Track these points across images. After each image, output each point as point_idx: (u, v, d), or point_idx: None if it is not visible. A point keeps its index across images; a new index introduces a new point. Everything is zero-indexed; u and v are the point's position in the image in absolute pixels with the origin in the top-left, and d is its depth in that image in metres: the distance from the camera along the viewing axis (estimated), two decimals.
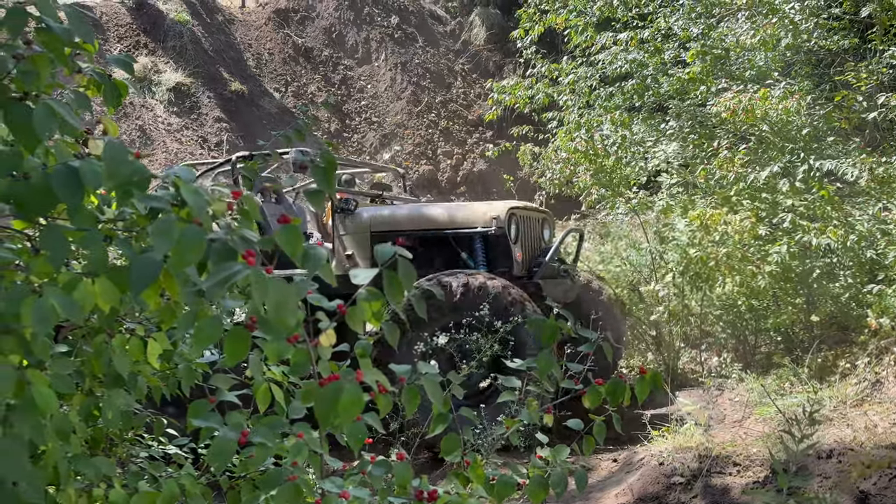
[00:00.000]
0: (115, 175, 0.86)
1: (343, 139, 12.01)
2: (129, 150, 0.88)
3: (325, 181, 0.95)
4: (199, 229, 0.80)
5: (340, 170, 7.06)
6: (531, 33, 7.90)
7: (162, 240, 0.79)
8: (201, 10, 12.29)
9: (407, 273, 0.90)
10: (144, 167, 0.88)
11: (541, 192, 10.25)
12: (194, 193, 0.82)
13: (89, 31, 1.21)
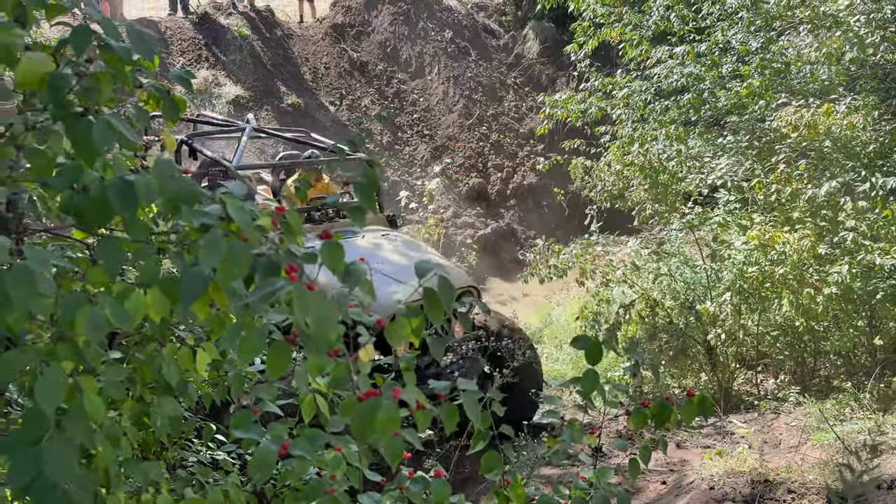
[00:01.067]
0: (163, 191, 0.89)
1: (395, 151, 12.14)
2: (177, 167, 0.91)
3: (367, 198, 0.96)
4: (244, 245, 0.81)
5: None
6: (585, 47, 7.85)
7: (210, 254, 0.81)
8: (261, 26, 12.63)
9: (447, 291, 0.90)
10: (192, 183, 0.91)
11: (592, 206, 10.14)
12: (240, 210, 0.84)
13: (149, 48, 1.25)
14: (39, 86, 1.09)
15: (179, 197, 0.89)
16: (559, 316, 9.14)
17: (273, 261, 0.82)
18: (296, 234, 0.91)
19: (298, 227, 0.92)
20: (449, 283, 0.90)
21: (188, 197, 0.89)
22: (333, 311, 0.82)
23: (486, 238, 11.14)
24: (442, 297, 0.89)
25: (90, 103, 1.10)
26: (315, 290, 0.81)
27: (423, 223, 10.53)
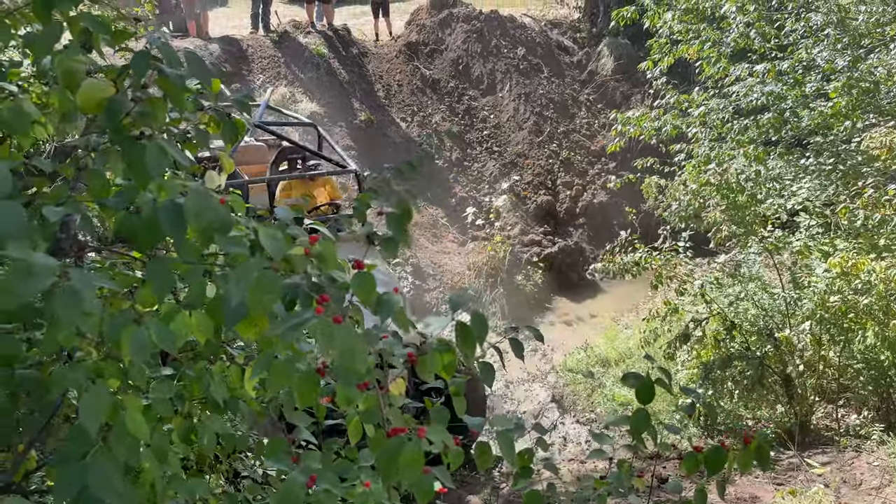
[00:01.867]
0: (197, 219, 0.90)
1: (463, 167, 12.18)
2: (213, 196, 0.92)
3: (400, 231, 0.95)
4: (273, 275, 0.81)
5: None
6: (660, 64, 7.67)
7: (238, 284, 0.81)
8: (338, 44, 12.96)
9: (480, 325, 0.87)
10: (227, 213, 0.91)
11: (665, 226, 9.88)
12: (273, 239, 0.84)
13: (207, 74, 1.28)
14: (98, 110, 1.13)
15: (213, 226, 0.90)
16: (627, 339, 8.90)
17: (305, 291, 0.81)
18: (330, 263, 0.90)
19: (333, 257, 0.91)
20: (483, 318, 0.87)
21: (222, 225, 0.90)
22: (360, 344, 0.80)
23: (552, 256, 11.00)
24: (476, 331, 0.86)
25: (145, 128, 1.13)
26: (342, 323, 0.80)
27: (489, 240, 10.50)
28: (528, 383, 8.57)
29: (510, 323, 9.80)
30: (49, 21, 1.19)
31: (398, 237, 0.94)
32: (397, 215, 0.94)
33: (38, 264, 0.87)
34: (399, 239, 0.95)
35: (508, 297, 9.98)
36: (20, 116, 1.23)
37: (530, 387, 8.49)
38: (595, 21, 14.95)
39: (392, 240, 0.96)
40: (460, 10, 14.20)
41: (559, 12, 16.53)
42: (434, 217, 11.14)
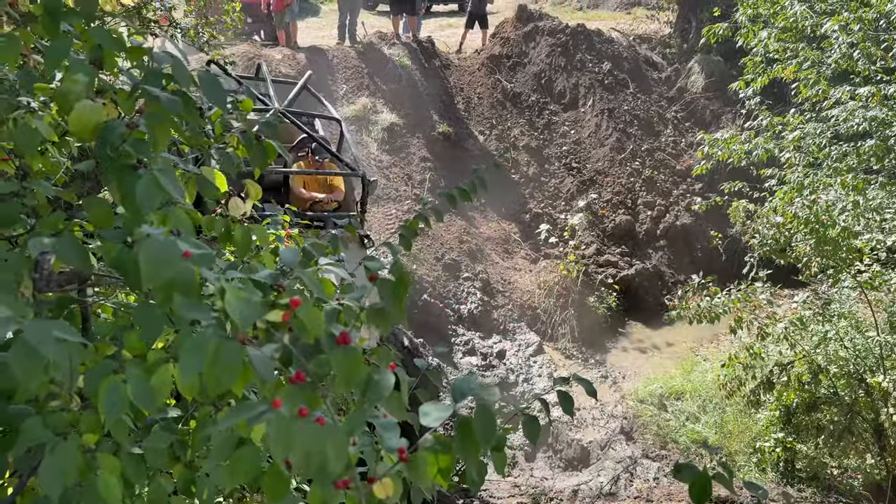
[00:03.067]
0: (153, 276, 0.77)
1: (540, 183, 11.92)
2: (177, 248, 0.79)
3: (396, 302, 0.79)
4: (235, 349, 0.67)
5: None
6: (753, 84, 7.24)
7: (190, 359, 0.67)
8: (421, 56, 12.98)
9: (486, 424, 0.70)
10: (190, 269, 0.78)
11: (752, 253, 9.34)
12: (242, 303, 0.70)
13: (222, 96, 1.17)
14: (91, 135, 1.03)
15: (175, 285, 0.77)
16: (705, 371, 8.43)
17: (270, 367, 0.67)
18: (313, 330, 0.76)
19: (318, 324, 0.77)
20: (492, 414, 0.70)
21: (184, 286, 0.77)
22: (335, 441, 0.65)
23: (629, 279, 10.58)
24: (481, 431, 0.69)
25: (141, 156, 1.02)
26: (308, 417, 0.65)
27: (562, 258, 10.20)
28: (595, 411, 8.23)
29: (580, 346, 9.48)
30: (57, 35, 1.10)
31: (391, 309, 0.79)
32: (392, 283, 0.79)
33: None
34: (392, 312, 0.79)
35: (579, 319, 9.65)
36: (28, 136, 1.15)
37: (599, 415, 8.15)
38: (686, 37, 14.43)
39: (382, 311, 0.80)
40: (546, 23, 13.98)
41: (649, 27, 16.08)
42: (507, 232, 10.94)
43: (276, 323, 0.76)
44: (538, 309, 9.70)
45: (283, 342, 0.71)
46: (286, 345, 0.70)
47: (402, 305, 0.81)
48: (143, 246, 0.79)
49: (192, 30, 7.27)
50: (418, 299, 8.76)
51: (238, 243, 1.39)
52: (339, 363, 0.69)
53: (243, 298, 0.73)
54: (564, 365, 9.14)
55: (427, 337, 8.52)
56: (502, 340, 9.07)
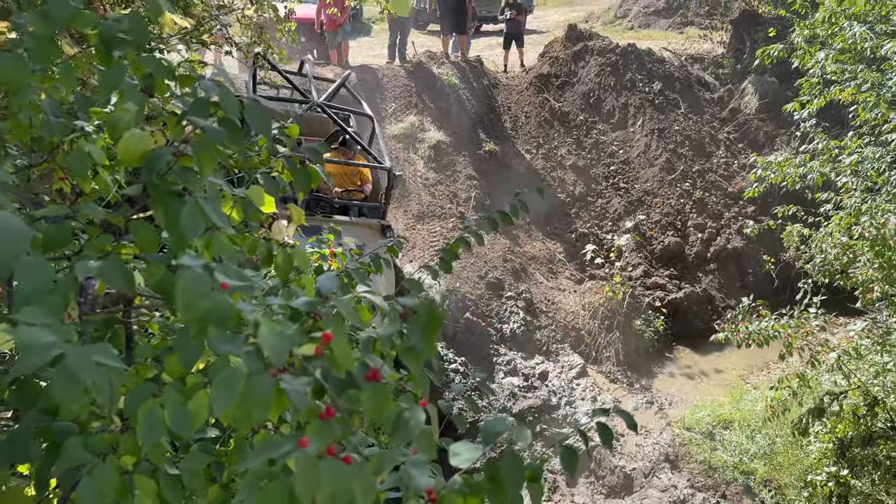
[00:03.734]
0: (190, 308, 0.78)
1: (586, 202, 11.81)
2: (213, 280, 0.80)
3: (428, 340, 0.78)
4: (267, 383, 0.67)
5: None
6: (809, 107, 7.04)
7: (222, 393, 0.67)
8: (469, 75, 13.06)
9: (515, 470, 0.68)
10: (227, 302, 0.79)
11: (806, 279, 9.05)
12: (276, 337, 0.70)
13: (266, 123, 1.19)
14: (139, 163, 1.06)
15: (210, 317, 0.78)
16: (755, 400, 8.16)
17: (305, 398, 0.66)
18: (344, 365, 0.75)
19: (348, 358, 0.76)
20: (520, 462, 0.68)
21: (219, 318, 0.78)
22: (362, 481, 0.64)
23: (677, 302, 10.36)
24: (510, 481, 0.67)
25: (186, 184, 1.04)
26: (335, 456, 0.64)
27: (607, 280, 10.05)
28: (640, 437, 8.04)
29: (625, 370, 9.31)
30: (110, 64, 1.14)
31: (422, 348, 0.78)
32: (423, 320, 0.78)
33: (31, 342, 0.78)
34: (423, 350, 0.78)
35: (625, 343, 9.48)
36: (81, 159, 1.19)
37: (643, 442, 7.96)
38: (740, 57, 14.19)
39: (414, 349, 0.79)
40: (596, 42, 13.92)
41: (702, 47, 15.86)
42: (552, 252, 10.85)
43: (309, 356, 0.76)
44: (582, 331, 9.57)
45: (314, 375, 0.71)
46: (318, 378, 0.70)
47: (432, 342, 0.80)
48: (180, 277, 0.81)
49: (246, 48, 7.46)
50: (461, 317, 8.74)
51: (279, 267, 1.41)
52: (368, 400, 0.68)
53: (277, 331, 0.73)
54: (608, 389, 8.97)
55: (469, 355, 8.48)
56: (545, 361, 8.96)
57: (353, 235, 6.01)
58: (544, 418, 8.33)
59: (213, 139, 1.08)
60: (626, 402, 8.74)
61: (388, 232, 6.27)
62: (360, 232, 6.19)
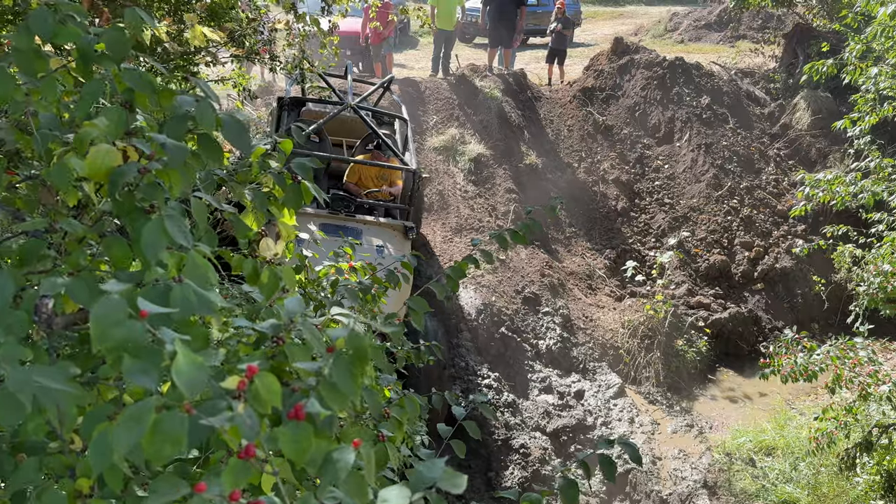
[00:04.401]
0: (104, 338, 0.74)
1: (629, 218, 11.60)
2: (127, 308, 0.76)
3: (349, 375, 0.72)
4: (178, 420, 0.63)
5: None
6: (860, 124, 6.77)
7: (126, 430, 0.64)
8: (512, 88, 13.01)
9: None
10: (143, 330, 0.75)
11: (857, 302, 8.69)
12: (192, 369, 0.66)
13: (246, 139, 1.17)
14: (105, 179, 1.04)
15: (124, 346, 0.75)
16: (800, 427, 7.84)
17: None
18: (268, 403, 0.71)
19: (276, 395, 0.72)
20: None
21: (135, 348, 0.74)
22: None
23: (721, 323, 10.06)
24: None
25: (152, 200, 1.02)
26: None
27: (648, 297, 9.83)
28: (679, 461, 7.80)
29: (664, 391, 9.06)
30: (90, 77, 1.13)
31: (345, 387, 0.72)
32: (349, 356, 0.72)
33: None
34: (347, 389, 0.72)
35: (665, 363, 9.24)
36: (63, 173, 1.18)
37: (681, 466, 7.72)
38: (792, 71, 13.79)
39: (336, 388, 0.74)
40: (642, 56, 13.72)
41: (753, 61, 15.50)
42: (591, 267, 10.67)
43: (232, 391, 0.72)
44: (621, 349, 9.36)
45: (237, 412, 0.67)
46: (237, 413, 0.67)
47: (358, 381, 0.74)
48: (95, 305, 0.77)
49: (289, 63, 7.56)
50: (496, 332, 8.65)
51: (264, 286, 1.38)
52: (286, 440, 0.64)
53: (196, 364, 0.69)
54: (647, 410, 8.74)
55: (503, 371, 8.38)
56: (581, 380, 8.79)
57: (375, 235, 6.17)
58: (579, 438, 8.16)
59: (174, 157, 1.05)
60: (664, 424, 8.50)
61: (410, 233, 6.37)
62: (382, 232, 6.34)
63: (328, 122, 7.26)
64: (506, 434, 7.67)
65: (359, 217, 6.39)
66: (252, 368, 0.74)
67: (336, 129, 8.30)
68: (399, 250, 6.22)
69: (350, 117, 7.81)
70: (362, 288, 2.52)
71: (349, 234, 6.05)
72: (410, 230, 6.40)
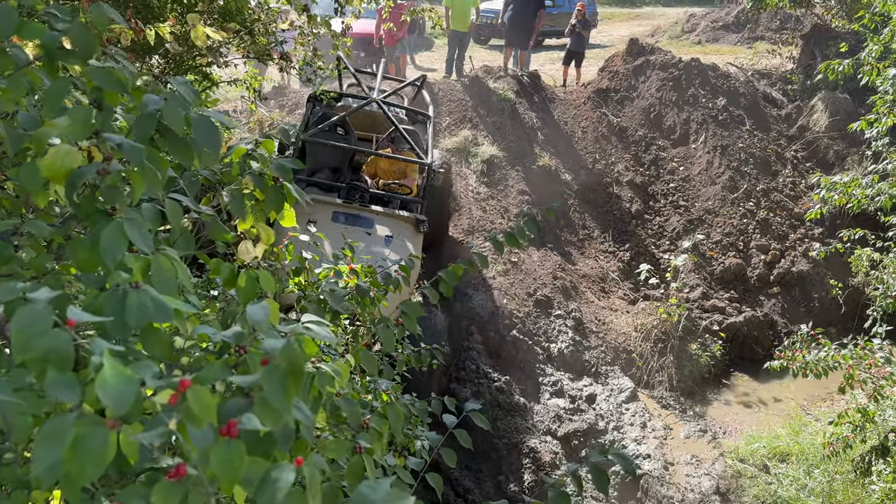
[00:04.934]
0: (26, 348, 0.70)
1: (643, 220, 11.49)
2: (52, 317, 0.73)
3: (282, 393, 0.69)
4: (102, 435, 0.59)
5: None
6: (877, 125, 6.64)
7: (45, 449, 0.60)
8: (526, 90, 12.94)
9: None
10: (68, 341, 0.72)
11: (875, 306, 8.54)
12: (124, 381, 0.62)
13: (216, 139, 1.13)
14: (64, 181, 1.01)
15: (48, 357, 0.71)
16: (815, 433, 7.70)
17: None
18: (202, 419, 0.67)
19: (209, 410, 0.68)
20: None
21: (59, 359, 0.71)
22: None
23: (736, 327, 9.92)
24: None
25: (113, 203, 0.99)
26: None
27: (662, 301, 9.72)
28: (691, 467, 7.69)
29: (678, 396, 8.95)
30: (56, 76, 1.10)
31: (278, 402, 0.67)
32: (281, 369, 0.67)
33: None
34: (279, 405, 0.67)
35: (679, 367, 9.12)
36: (31, 173, 1.15)
37: (694, 472, 7.61)
38: (810, 73, 13.60)
39: (268, 403, 0.69)
40: (657, 57, 13.60)
41: (770, 62, 15.31)
42: (604, 270, 10.57)
43: (165, 405, 0.68)
44: (634, 353, 9.26)
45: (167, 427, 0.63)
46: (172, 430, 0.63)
47: (290, 396, 0.70)
48: (17, 314, 0.73)
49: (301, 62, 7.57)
50: (507, 335, 8.59)
51: (242, 290, 1.34)
52: (218, 458, 0.60)
53: (124, 377, 0.65)
54: (660, 415, 8.64)
55: (514, 374, 8.32)
56: (593, 384, 8.70)
57: (386, 225, 6.30)
58: (590, 443, 8.07)
59: (129, 157, 1.02)
60: (677, 429, 8.39)
61: (421, 226, 6.48)
62: (393, 223, 6.44)
63: (353, 116, 7.54)
64: (517, 438, 7.60)
65: (372, 207, 6.48)
66: (184, 382, 0.70)
67: (367, 124, 8.58)
68: (409, 242, 6.30)
69: (379, 113, 7.94)
70: (360, 291, 2.48)
71: (361, 223, 6.25)
72: (422, 223, 6.50)
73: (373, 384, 2.35)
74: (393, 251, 6.05)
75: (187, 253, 1.27)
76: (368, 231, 6.26)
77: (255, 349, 0.96)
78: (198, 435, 0.73)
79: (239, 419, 0.67)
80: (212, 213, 1.37)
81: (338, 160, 7.66)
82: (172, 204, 1.24)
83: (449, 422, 1.75)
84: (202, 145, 1.11)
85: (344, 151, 7.41)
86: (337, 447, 1.15)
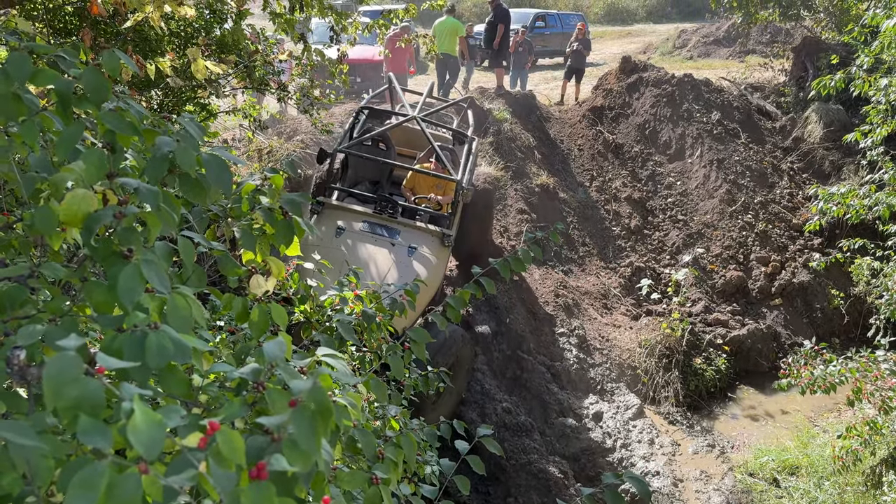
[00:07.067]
0: (59, 396, 0.72)
1: (643, 235, 11.52)
2: (82, 364, 0.74)
3: (312, 435, 0.70)
4: (134, 480, 0.60)
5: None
6: (872, 135, 6.69)
7: (80, 495, 0.61)
8: (521, 109, 13.03)
9: None
10: (99, 388, 0.73)
11: (878, 315, 8.53)
12: (154, 426, 0.63)
13: (227, 179, 1.15)
14: (80, 224, 1.03)
15: (81, 405, 0.72)
16: (824, 445, 7.66)
17: None
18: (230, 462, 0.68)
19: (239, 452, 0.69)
20: None
21: (91, 406, 0.72)
22: None
23: (740, 340, 9.91)
24: None
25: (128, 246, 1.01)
26: None
27: (665, 315, 9.71)
28: (701, 483, 7.64)
29: (684, 411, 8.91)
30: (69, 122, 1.12)
31: (307, 445, 0.68)
32: (310, 411, 0.69)
33: None
34: (309, 448, 0.68)
35: (684, 382, 9.10)
36: (46, 216, 1.17)
37: (704, 488, 7.56)
38: (802, 84, 13.73)
39: (297, 446, 0.70)
40: (651, 73, 13.73)
41: (762, 75, 15.45)
42: (606, 287, 10.58)
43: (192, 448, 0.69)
44: (639, 369, 9.24)
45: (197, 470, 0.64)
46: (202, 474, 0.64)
47: (319, 439, 0.71)
48: (49, 363, 0.75)
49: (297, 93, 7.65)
50: (511, 354, 8.57)
51: (254, 324, 1.36)
52: (249, 501, 0.61)
53: (154, 422, 0.66)
54: (667, 431, 8.60)
55: (519, 393, 8.29)
56: (599, 401, 8.67)
57: (410, 238, 6.56)
58: (598, 461, 8.02)
59: (146, 201, 1.04)
60: (685, 445, 8.34)
61: (446, 240, 6.70)
62: (418, 236, 6.69)
63: (397, 132, 7.95)
64: (524, 458, 7.56)
65: (400, 220, 6.77)
66: (213, 425, 0.71)
67: (410, 140, 9.00)
68: (432, 255, 6.54)
69: (416, 130, 8.38)
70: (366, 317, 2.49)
71: (388, 233, 6.60)
72: (447, 237, 6.70)
73: (381, 410, 2.35)
74: (415, 261, 6.32)
75: (199, 290, 1.29)
76: (393, 241, 6.49)
77: (272, 385, 0.97)
78: (223, 477, 0.74)
79: (268, 461, 0.68)
80: (223, 249, 1.39)
81: (377, 173, 7.99)
82: (185, 242, 1.26)
83: (461, 448, 1.75)
84: (213, 184, 1.13)
85: (383, 165, 7.76)
86: (353, 479, 1.16)
